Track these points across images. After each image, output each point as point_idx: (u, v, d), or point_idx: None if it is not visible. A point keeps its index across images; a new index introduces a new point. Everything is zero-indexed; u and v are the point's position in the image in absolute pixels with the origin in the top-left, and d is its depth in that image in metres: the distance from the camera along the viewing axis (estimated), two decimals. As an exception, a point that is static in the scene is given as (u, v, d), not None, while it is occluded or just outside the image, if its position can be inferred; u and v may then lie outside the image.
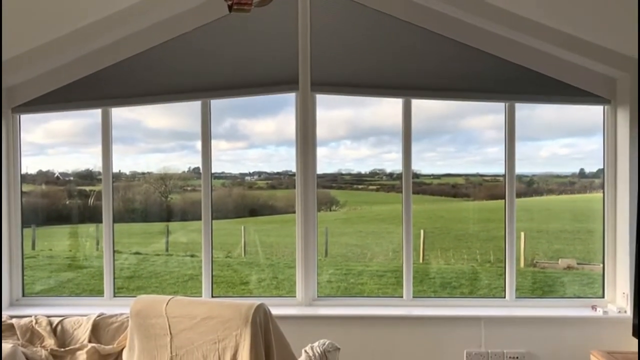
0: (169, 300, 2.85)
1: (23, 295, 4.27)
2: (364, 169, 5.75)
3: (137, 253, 5.78)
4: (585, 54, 3.68)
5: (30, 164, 4.45)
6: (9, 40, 3.54)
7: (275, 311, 2.84)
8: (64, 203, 5.14)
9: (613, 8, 3.30)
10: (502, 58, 3.95)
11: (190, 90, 4.07)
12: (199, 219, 4.20)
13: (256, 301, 2.75)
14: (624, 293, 3.90)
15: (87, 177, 5.04)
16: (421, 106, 4.15)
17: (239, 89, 4.06)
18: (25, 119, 4.22)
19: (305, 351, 2.93)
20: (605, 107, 4.04)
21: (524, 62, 3.93)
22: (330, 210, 6.18)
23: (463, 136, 5.14)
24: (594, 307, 3.98)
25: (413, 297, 4.13)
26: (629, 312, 3.82)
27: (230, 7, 2.18)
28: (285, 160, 5.30)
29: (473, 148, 5.12)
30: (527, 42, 3.86)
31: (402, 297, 4.13)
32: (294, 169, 4.16)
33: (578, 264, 5.20)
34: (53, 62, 3.97)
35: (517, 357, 3.86)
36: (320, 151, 4.19)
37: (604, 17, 3.42)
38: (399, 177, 4.22)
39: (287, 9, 3.96)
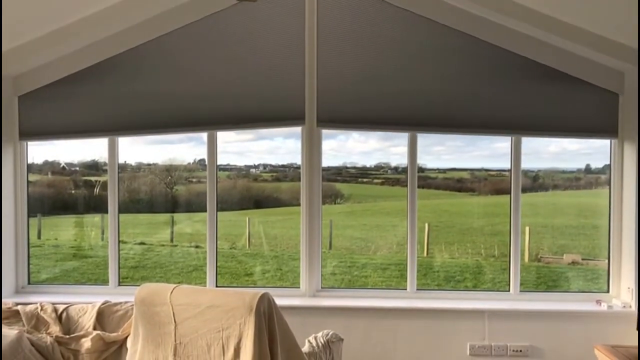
0: (173, 289, 2.85)
1: (29, 283, 4.29)
2: (370, 162, 5.75)
3: (141, 243, 5.80)
4: (593, 46, 3.65)
5: (36, 154, 4.47)
6: (14, 29, 3.55)
7: (279, 302, 2.84)
8: (69, 193, 5.16)
9: (621, 1, 3.27)
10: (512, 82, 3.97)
11: (197, 123, 4.09)
12: (204, 210, 4.20)
13: (261, 290, 2.75)
14: (629, 288, 3.89)
15: (93, 167, 5.05)
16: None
17: (246, 124, 4.09)
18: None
19: (309, 341, 2.94)
20: (613, 140, 4.05)
21: (532, 55, 3.91)
22: (335, 203, 6.18)
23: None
24: (598, 302, 3.97)
25: (417, 289, 4.13)
26: (634, 307, 3.81)
27: (237, -5, 2.17)
28: (291, 152, 5.30)
29: (483, 143, 5.10)
30: (535, 35, 3.84)
31: (406, 289, 4.14)
32: (299, 162, 4.15)
33: (583, 259, 5.19)
34: (58, 51, 3.98)
35: (521, 351, 3.86)
36: (329, 144, 4.20)
37: (611, 10, 3.39)
38: (404, 170, 4.21)
39: (295, 49, 3.98)
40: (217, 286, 4.21)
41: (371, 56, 3.99)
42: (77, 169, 5.11)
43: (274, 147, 5.30)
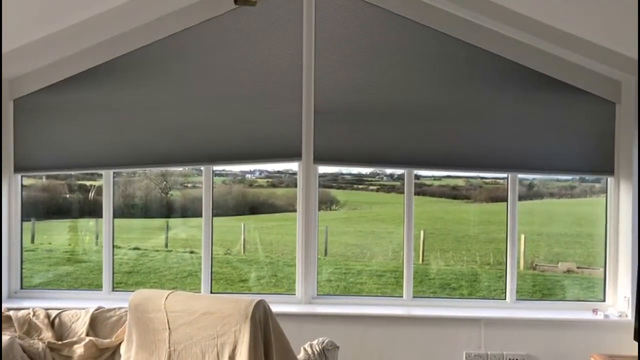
0: (168, 295, 2.83)
1: (21, 288, 4.25)
2: (365, 169, 5.74)
3: (136, 248, 5.76)
4: (589, 55, 3.67)
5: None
6: (11, 32, 3.53)
7: (274, 308, 2.82)
8: (64, 197, 5.12)
9: (619, 9, 3.29)
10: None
11: (195, 158, 4.12)
12: (199, 215, 4.19)
13: (256, 297, 2.73)
14: (625, 297, 3.89)
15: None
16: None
17: (244, 160, 4.15)
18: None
19: (305, 349, 2.92)
20: (608, 178, 4.07)
21: (528, 63, 3.92)
22: (330, 210, 6.16)
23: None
24: (594, 311, 3.96)
25: (413, 297, 4.12)
26: (630, 316, 3.80)
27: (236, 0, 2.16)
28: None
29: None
30: (531, 43, 3.85)
31: (402, 296, 4.12)
32: (295, 168, 4.15)
33: (578, 267, 5.18)
34: (55, 54, 3.97)
35: (517, 359, 3.85)
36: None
37: (609, 19, 3.40)
38: (399, 177, 4.22)
39: (291, 85, 4.01)
40: (211, 292, 4.19)
41: (368, 90, 4.00)
42: (72, 173, 5.07)
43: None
